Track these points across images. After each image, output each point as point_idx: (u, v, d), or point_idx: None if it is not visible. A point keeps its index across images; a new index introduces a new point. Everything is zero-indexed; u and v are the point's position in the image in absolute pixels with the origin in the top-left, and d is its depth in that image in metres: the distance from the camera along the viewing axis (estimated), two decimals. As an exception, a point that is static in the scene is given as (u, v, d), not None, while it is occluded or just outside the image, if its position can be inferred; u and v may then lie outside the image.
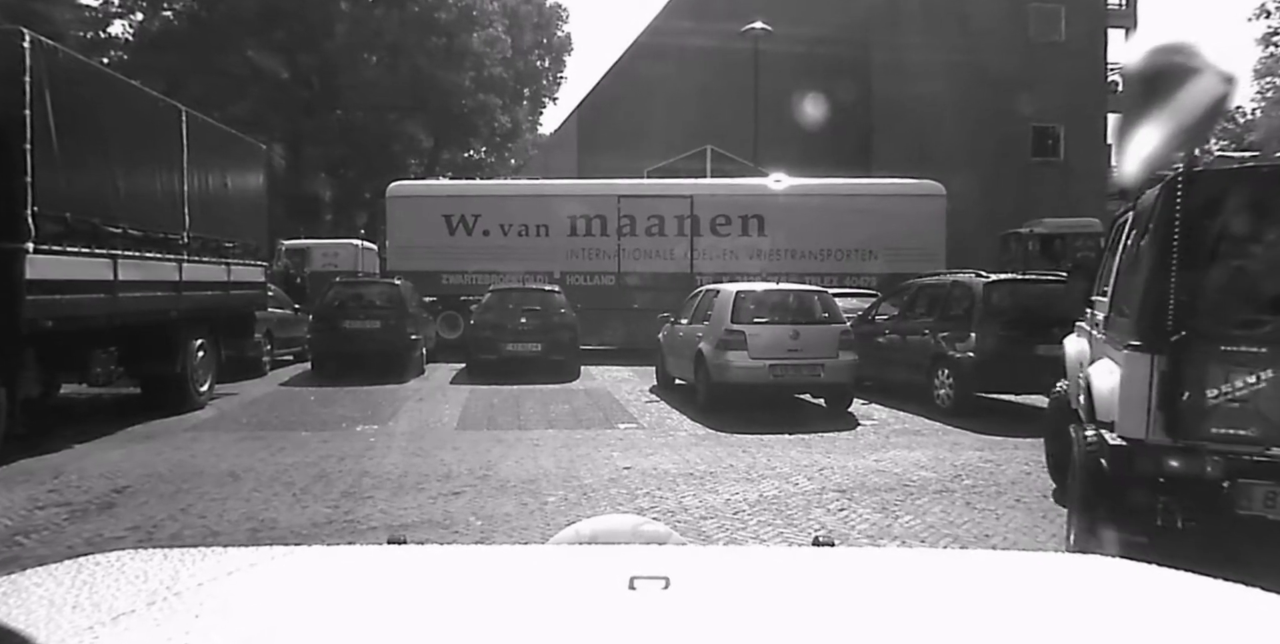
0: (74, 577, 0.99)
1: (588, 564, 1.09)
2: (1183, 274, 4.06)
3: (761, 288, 10.69)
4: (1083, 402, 5.14)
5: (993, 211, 23.45)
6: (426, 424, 9.65)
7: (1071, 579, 1.07)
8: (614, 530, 1.28)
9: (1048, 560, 1.22)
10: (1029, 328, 9.99)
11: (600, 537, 1.25)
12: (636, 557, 1.12)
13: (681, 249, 19.11)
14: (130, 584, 0.97)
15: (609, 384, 13.39)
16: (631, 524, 1.31)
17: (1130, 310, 4.51)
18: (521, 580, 1.03)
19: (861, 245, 18.83)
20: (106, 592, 0.94)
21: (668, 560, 1.08)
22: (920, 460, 7.60)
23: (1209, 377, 4.04)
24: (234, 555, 1.10)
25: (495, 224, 19.17)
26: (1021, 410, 10.74)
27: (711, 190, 19.94)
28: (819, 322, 10.37)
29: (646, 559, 1.09)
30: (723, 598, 0.96)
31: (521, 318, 14.34)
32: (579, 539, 1.26)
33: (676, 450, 8.01)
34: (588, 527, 1.29)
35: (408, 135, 39.47)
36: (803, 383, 10.18)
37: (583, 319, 16.94)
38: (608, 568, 1.03)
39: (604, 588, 0.95)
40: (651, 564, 1.02)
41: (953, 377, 10.19)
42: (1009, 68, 26.93)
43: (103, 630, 0.81)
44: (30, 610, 0.87)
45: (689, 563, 1.12)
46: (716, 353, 10.00)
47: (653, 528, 1.31)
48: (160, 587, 0.96)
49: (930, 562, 1.22)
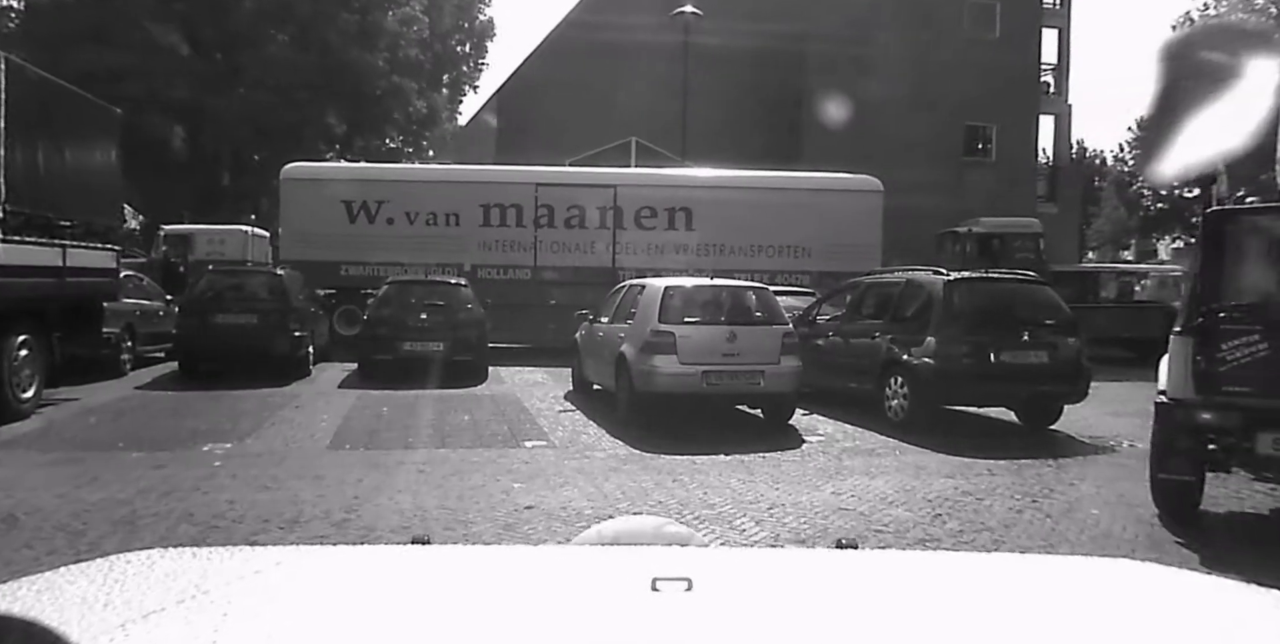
0: (105, 574, 1.00)
1: (610, 565, 1.08)
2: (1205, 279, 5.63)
3: (693, 283, 9.33)
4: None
5: (925, 210, 22.64)
6: (293, 441, 8.03)
7: (1097, 583, 1.06)
8: (636, 531, 1.28)
9: (1074, 564, 1.18)
10: (993, 332, 8.87)
11: (622, 537, 1.25)
12: (659, 558, 1.10)
13: (603, 242, 17.74)
14: (160, 582, 0.99)
15: (520, 389, 11.90)
16: (654, 525, 1.31)
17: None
18: (544, 581, 1.03)
19: (794, 241, 17.76)
20: (137, 590, 0.95)
21: (690, 562, 1.07)
22: (885, 492, 6.32)
23: (1220, 350, 5.39)
24: (261, 554, 1.12)
25: (400, 211, 17.52)
26: (985, 425, 9.63)
27: (636, 180, 18.57)
28: (758, 322, 9.05)
29: (669, 560, 1.08)
30: (746, 600, 0.96)
31: (422, 313, 12.75)
32: (601, 540, 1.26)
33: (592, 479, 6.58)
34: (610, 527, 1.29)
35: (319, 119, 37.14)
36: (740, 392, 8.85)
37: (495, 316, 15.50)
38: (630, 569, 1.02)
39: (627, 589, 0.94)
40: (674, 565, 1.01)
41: (908, 386, 8.98)
42: (943, 64, 26.22)
43: (134, 628, 0.82)
44: (63, 608, 0.88)
45: (712, 564, 1.12)
46: (641, 357, 8.60)
47: (675, 529, 1.30)
48: (189, 585, 0.97)
49: (954, 564, 1.18)
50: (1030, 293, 9.60)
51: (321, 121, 37.15)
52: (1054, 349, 8.91)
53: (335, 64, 34.81)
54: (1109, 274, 24.66)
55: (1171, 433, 5.59)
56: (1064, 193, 31.31)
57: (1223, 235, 5.69)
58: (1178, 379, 5.59)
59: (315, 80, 34.69)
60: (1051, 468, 7.33)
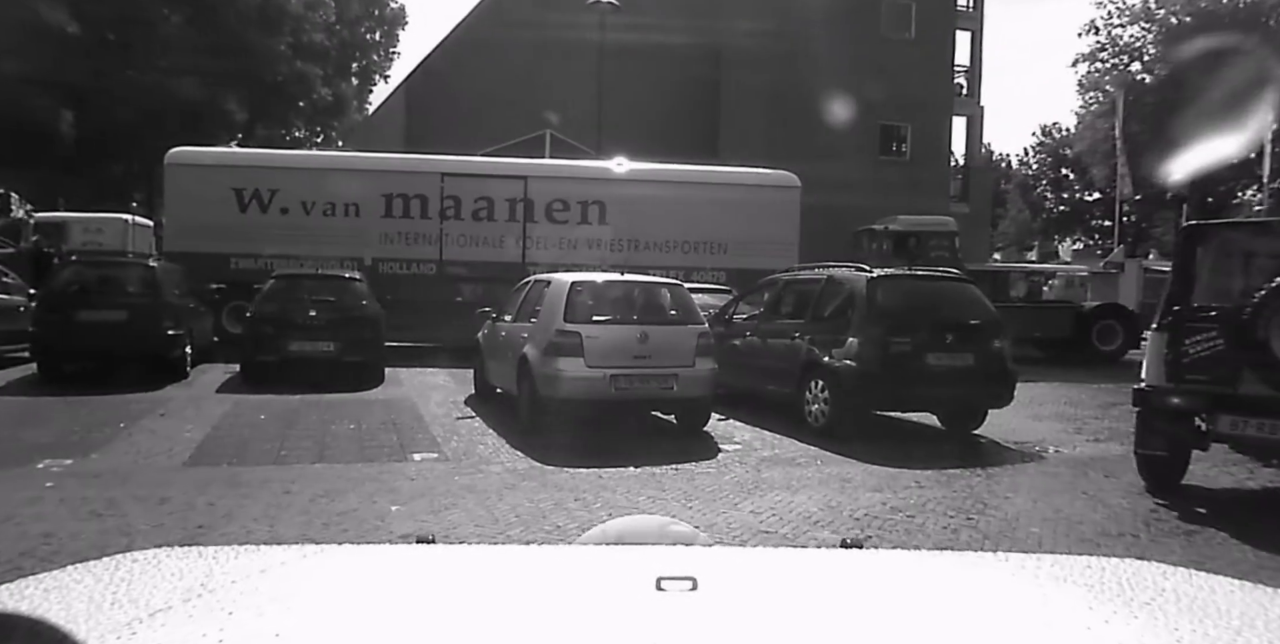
0: (112, 573, 1.01)
1: (615, 564, 1.09)
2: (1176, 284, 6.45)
3: (602, 279, 8.62)
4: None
5: (841, 207, 22.44)
6: (146, 456, 7.08)
7: (1100, 582, 1.06)
8: (641, 530, 1.28)
9: (1078, 563, 1.17)
10: (919, 332, 8.40)
11: (627, 537, 1.25)
12: (664, 557, 1.10)
13: (513, 236, 16.94)
14: (167, 581, 0.99)
15: (417, 392, 11.05)
16: (659, 524, 1.31)
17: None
18: (550, 580, 1.03)
19: (711, 237, 17.26)
20: (144, 588, 0.96)
21: (695, 561, 1.07)
22: (809, 510, 5.74)
23: (1185, 345, 6.12)
24: (267, 554, 1.13)
25: (296, 201, 16.40)
26: (908, 430, 9.19)
27: (548, 172, 17.79)
28: (672, 321, 8.42)
29: (674, 560, 1.07)
30: (751, 599, 0.96)
31: (311, 311, 11.76)
32: (606, 539, 1.26)
33: (483, 499, 5.84)
34: (615, 527, 1.28)
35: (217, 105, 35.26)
36: (652, 397, 8.18)
37: (397, 313, 14.60)
38: (635, 568, 1.01)
39: (632, 588, 0.94)
40: (679, 565, 1.01)
41: (829, 390, 8.46)
42: (859, 62, 26.12)
43: (140, 626, 0.83)
44: (70, 606, 0.88)
45: (717, 564, 1.11)
46: (545, 359, 7.87)
47: (680, 528, 1.30)
48: (195, 584, 0.97)
49: (958, 564, 1.19)
50: (955, 292, 9.19)
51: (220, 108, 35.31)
52: (980, 351, 8.50)
53: (233, 47, 33.08)
54: (1018, 274, 24.87)
55: (1148, 415, 6.43)
56: (976, 193, 31.64)
57: (1192, 246, 6.54)
58: (1153, 369, 6.41)
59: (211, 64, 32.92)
60: (982, 478, 6.88)
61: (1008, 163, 56.89)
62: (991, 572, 1.12)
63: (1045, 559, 1.18)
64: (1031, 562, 1.17)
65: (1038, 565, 1.15)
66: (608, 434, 8.02)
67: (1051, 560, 1.18)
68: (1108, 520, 5.70)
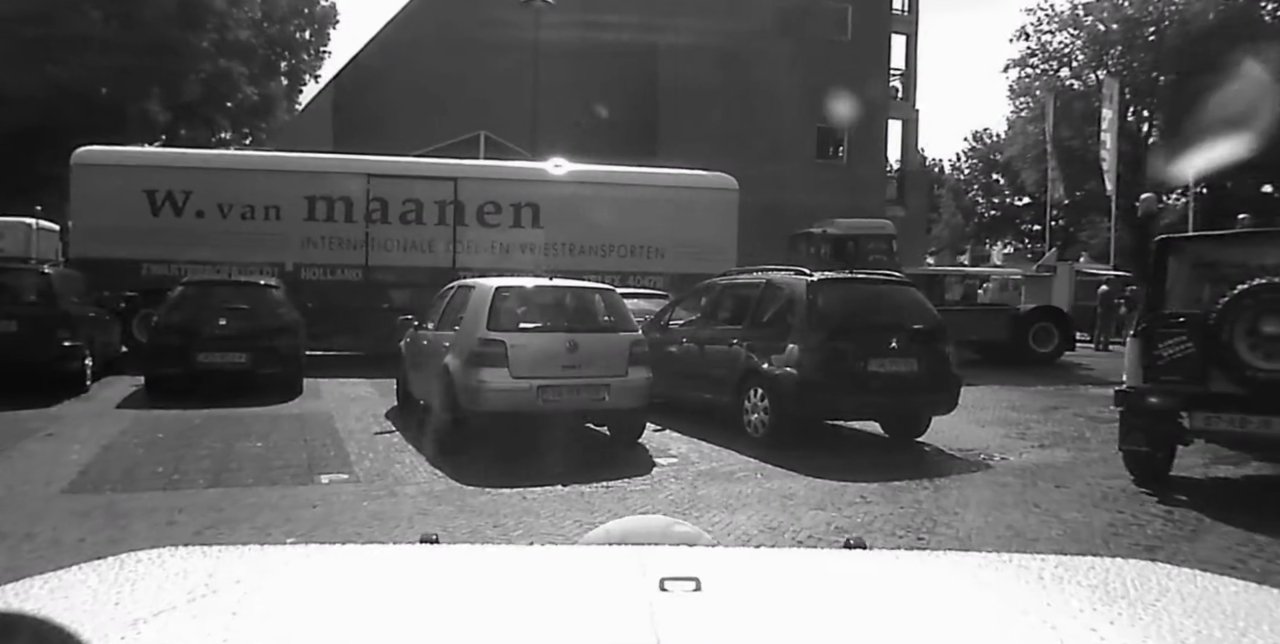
0: (116, 573, 1.01)
1: (619, 565, 1.08)
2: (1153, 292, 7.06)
3: (530, 284, 8.11)
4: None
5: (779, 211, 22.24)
6: (21, 483, 6.36)
7: (1105, 582, 1.05)
8: (644, 531, 1.27)
9: (1083, 564, 1.15)
10: (861, 338, 8.07)
11: (630, 537, 1.25)
12: (667, 558, 1.09)
13: (443, 240, 16.34)
14: (170, 581, 0.99)
15: (337, 406, 10.41)
16: (662, 525, 1.30)
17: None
18: (553, 580, 1.03)
19: (647, 241, 16.89)
20: (148, 588, 0.96)
21: (698, 562, 1.07)
22: (749, 532, 5.32)
23: (1159, 348, 6.64)
24: (271, 553, 1.15)
25: (212, 203, 15.60)
26: (850, 439, 8.86)
27: (480, 173, 17.20)
28: (603, 328, 7.94)
29: (677, 560, 1.07)
30: (754, 600, 0.96)
31: (222, 319, 11.05)
32: (609, 539, 1.25)
33: (391, 528, 5.29)
34: (618, 527, 1.28)
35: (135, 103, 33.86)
36: (582, 408, 7.68)
37: (321, 321, 13.98)
38: (639, 569, 1.01)
39: (635, 589, 0.93)
40: (682, 565, 1.01)
41: (768, 398, 8.07)
42: (796, 64, 26.00)
43: (144, 626, 0.83)
44: (74, 606, 0.88)
45: (720, 564, 1.11)
46: (467, 370, 7.34)
47: (683, 528, 1.29)
48: (200, 584, 0.97)
49: (962, 564, 1.17)
50: (896, 295, 8.88)
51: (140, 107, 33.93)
52: (923, 356, 8.19)
53: (153, 43, 31.82)
54: (954, 277, 24.94)
55: (1130, 414, 6.86)
56: (912, 197, 31.78)
57: (1166, 258, 7.00)
58: (1132, 371, 6.89)
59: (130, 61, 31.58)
60: (929, 492, 6.53)
61: (941, 168, 57.72)
62: (995, 572, 1.11)
63: (1050, 560, 1.16)
64: (1035, 562, 1.15)
65: (1041, 566, 1.13)
66: (535, 449, 7.52)
67: (1056, 561, 1.16)
68: (1064, 537, 5.38)
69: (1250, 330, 6.12)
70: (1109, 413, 11.30)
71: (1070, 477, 7.16)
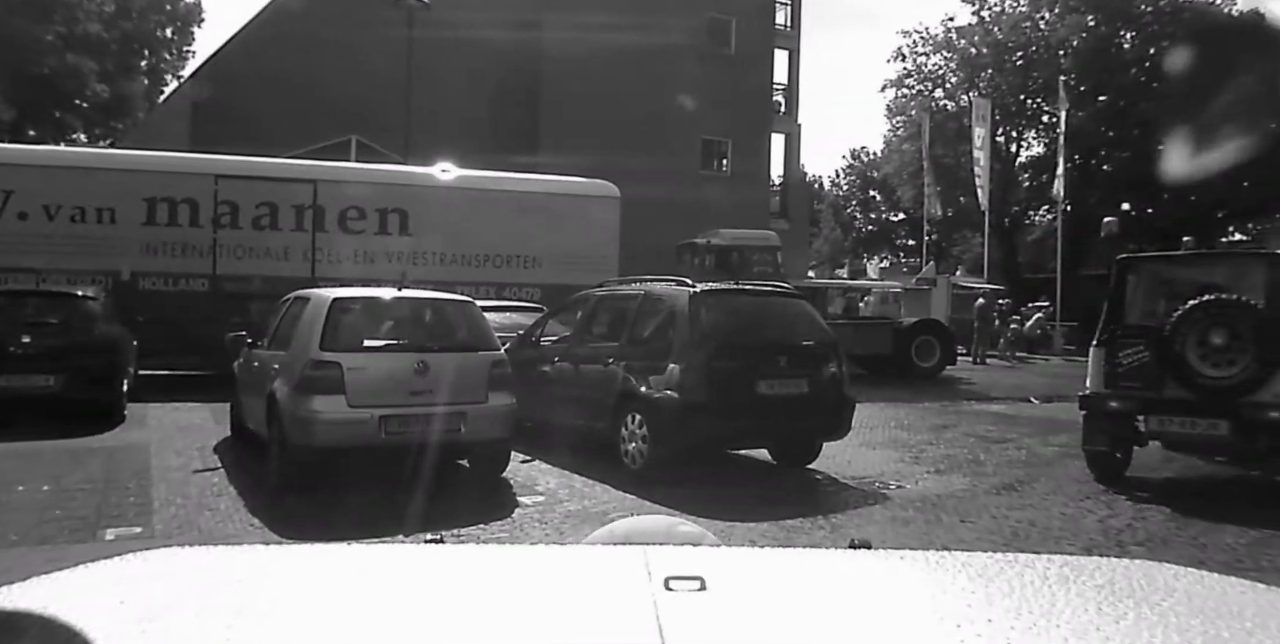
0: (122, 573, 1.02)
1: (623, 564, 1.07)
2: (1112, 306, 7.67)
3: (374, 295, 7.08)
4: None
5: (663, 222, 21.66)
6: None
7: (1112, 582, 1.06)
8: (649, 530, 1.28)
9: (1089, 564, 1.16)
10: (749, 356, 7.35)
11: (635, 536, 1.26)
12: (672, 557, 1.09)
13: (300, 247, 15.01)
14: (175, 580, 1.00)
15: (160, 436, 9.09)
16: (666, 524, 1.31)
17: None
18: (558, 580, 1.04)
19: (525, 250, 15.95)
20: (152, 588, 0.97)
21: (703, 561, 1.07)
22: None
23: (1118, 357, 7.33)
24: (274, 553, 1.16)
25: (36, 204, 13.90)
26: (735, 467, 8.11)
27: (342, 176, 15.91)
28: (460, 347, 6.94)
29: (682, 560, 1.07)
30: (759, 600, 0.96)
31: (25, 336, 9.59)
32: (613, 539, 1.26)
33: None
34: (622, 526, 1.28)
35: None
36: (435, 441, 6.66)
37: (159, 336, 12.56)
38: (643, 568, 1.00)
39: (640, 588, 0.93)
40: (687, 565, 1.01)
41: (647, 425, 7.26)
42: (681, 75, 25.55)
43: (149, 626, 0.83)
44: (80, 606, 0.88)
45: (724, 564, 1.10)
46: (296, 398, 6.26)
47: (688, 528, 1.30)
48: (204, 583, 0.98)
49: (967, 564, 1.15)
50: (785, 309, 8.20)
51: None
52: (815, 376, 7.53)
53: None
54: (836, 289, 24.89)
55: (1092, 417, 7.50)
56: (794, 210, 31.77)
57: (1124, 275, 7.71)
58: (1094, 378, 7.51)
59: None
60: (825, 532, 5.82)
61: (821, 184, 58.74)
62: (1000, 572, 1.08)
63: (1055, 560, 1.14)
64: (1041, 562, 1.13)
65: (1047, 566, 1.12)
66: (378, 490, 6.48)
67: (1061, 561, 1.15)
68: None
69: (1201, 341, 6.77)
70: (997, 432, 11.08)
71: (973, 509, 6.60)
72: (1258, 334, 6.63)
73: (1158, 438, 7.32)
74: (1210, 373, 6.74)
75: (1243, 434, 6.74)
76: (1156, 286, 7.87)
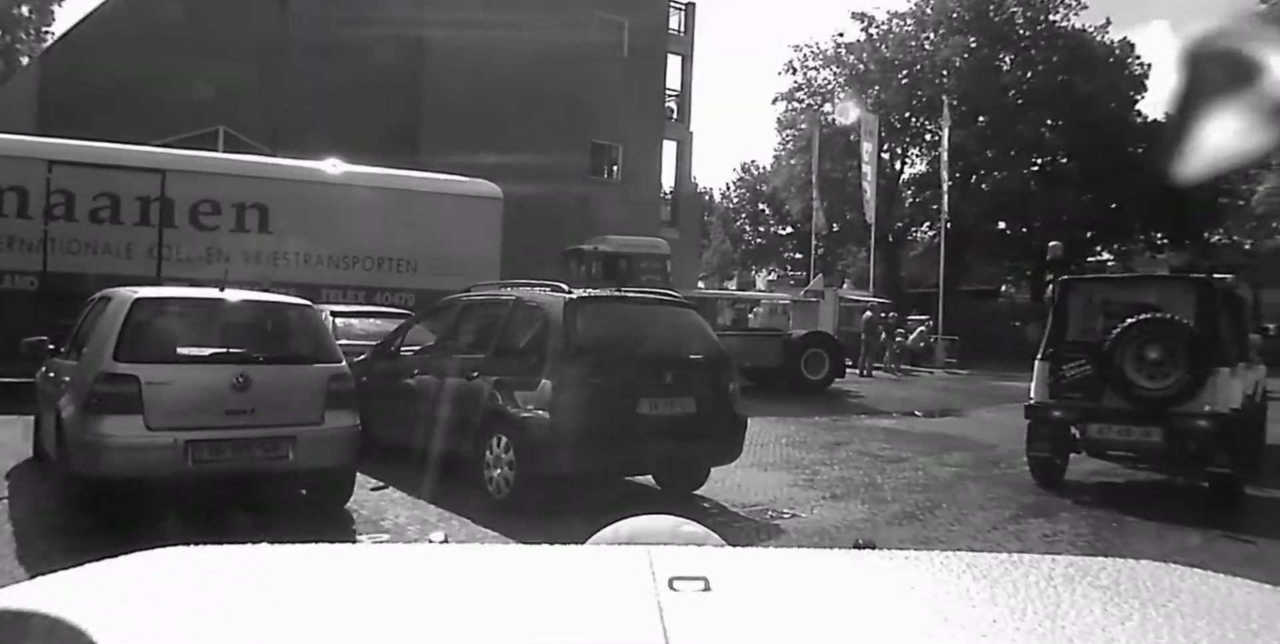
0: (125, 572, 1.02)
1: (627, 564, 1.04)
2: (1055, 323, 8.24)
3: (186, 295, 6.00)
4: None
5: (548, 227, 20.83)
6: None
7: (1116, 583, 1.05)
8: (653, 530, 1.28)
9: (1093, 564, 1.14)
10: (630, 372, 6.57)
11: (639, 537, 1.24)
12: (676, 557, 1.06)
13: (145, 244, 13.58)
14: (178, 580, 1.00)
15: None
16: (670, 525, 1.30)
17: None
18: (562, 580, 1.02)
19: (398, 252, 14.88)
20: (156, 587, 0.97)
21: (707, 562, 1.05)
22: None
23: (1062, 370, 7.91)
24: (277, 553, 1.12)
25: None
26: (614, 496, 7.23)
27: (194, 166, 14.48)
28: (291, 358, 5.93)
29: (686, 560, 1.05)
30: (764, 600, 0.96)
31: None
32: (617, 539, 1.25)
33: None
34: (626, 527, 1.27)
35: None
36: (255, 470, 5.60)
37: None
38: (647, 568, 0.98)
39: (644, 588, 0.91)
40: (691, 565, 0.99)
41: (514, 449, 6.39)
42: (571, 77, 24.78)
43: (153, 625, 0.83)
44: (84, 605, 0.87)
45: (729, 564, 1.09)
46: (82, 418, 5.15)
47: (692, 528, 1.29)
48: (207, 583, 0.98)
49: (972, 564, 1.12)
50: (672, 319, 7.46)
51: None
52: (704, 394, 6.81)
53: None
54: (726, 300, 24.55)
55: (1035, 424, 8.02)
56: (685, 219, 31.37)
57: (1065, 295, 8.33)
58: (1039, 388, 7.99)
59: None
60: (712, 576, 5.10)
61: (711, 196, 58.91)
62: (1006, 573, 1.06)
63: (1060, 560, 1.13)
64: (1046, 563, 1.12)
65: (1052, 567, 1.10)
66: (188, 528, 5.41)
67: (1067, 562, 1.13)
68: None
69: (1137, 356, 7.35)
70: (891, 451, 10.62)
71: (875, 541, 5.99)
72: (1189, 350, 7.27)
73: (1097, 444, 7.92)
74: (1146, 384, 7.34)
75: (1174, 440, 7.40)
76: (1095, 306, 8.45)
